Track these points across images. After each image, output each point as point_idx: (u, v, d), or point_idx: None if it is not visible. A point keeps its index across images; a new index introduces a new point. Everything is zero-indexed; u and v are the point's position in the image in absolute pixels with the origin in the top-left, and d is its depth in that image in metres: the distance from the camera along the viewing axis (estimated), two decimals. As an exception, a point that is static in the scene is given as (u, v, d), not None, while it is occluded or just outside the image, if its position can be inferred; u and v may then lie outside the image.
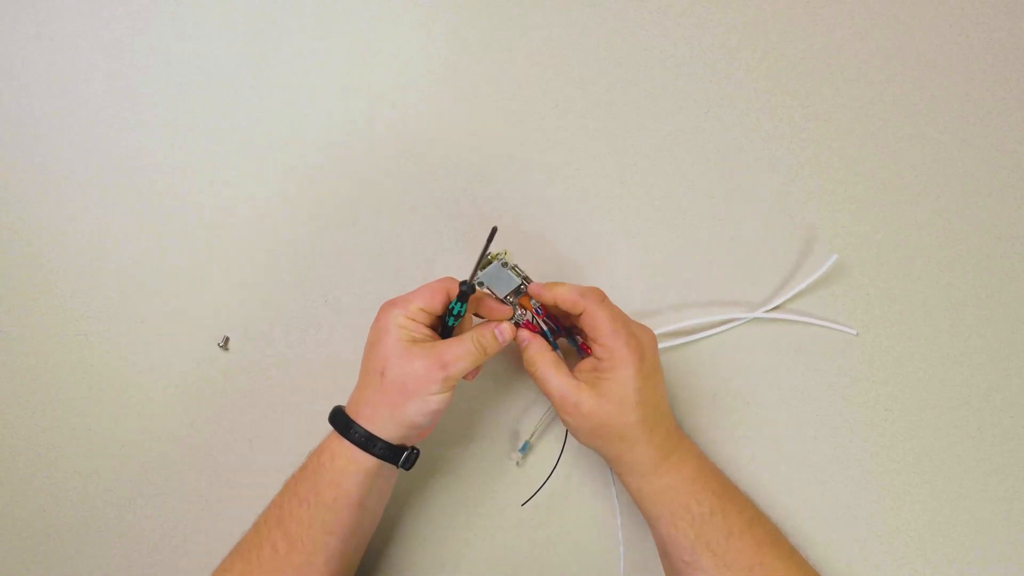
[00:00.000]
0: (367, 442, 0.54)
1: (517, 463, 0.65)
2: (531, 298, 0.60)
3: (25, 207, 0.71)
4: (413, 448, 0.57)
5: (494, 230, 0.57)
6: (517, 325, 0.60)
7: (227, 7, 0.72)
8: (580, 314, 0.57)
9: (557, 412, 0.58)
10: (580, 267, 0.68)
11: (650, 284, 0.67)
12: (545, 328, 0.60)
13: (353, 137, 0.71)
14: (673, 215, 0.68)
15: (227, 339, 0.68)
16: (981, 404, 0.64)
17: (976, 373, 0.65)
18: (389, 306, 0.57)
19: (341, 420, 0.56)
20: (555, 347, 0.59)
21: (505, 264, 0.60)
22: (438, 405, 0.55)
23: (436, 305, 0.57)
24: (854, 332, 0.65)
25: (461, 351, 0.55)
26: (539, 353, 0.58)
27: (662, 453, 0.57)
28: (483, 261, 0.59)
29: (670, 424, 0.59)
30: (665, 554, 0.58)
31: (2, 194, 0.71)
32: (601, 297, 0.57)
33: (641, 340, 0.57)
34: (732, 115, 0.69)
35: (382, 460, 0.55)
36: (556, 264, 0.67)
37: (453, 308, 0.57)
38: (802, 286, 0.65)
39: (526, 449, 0.65)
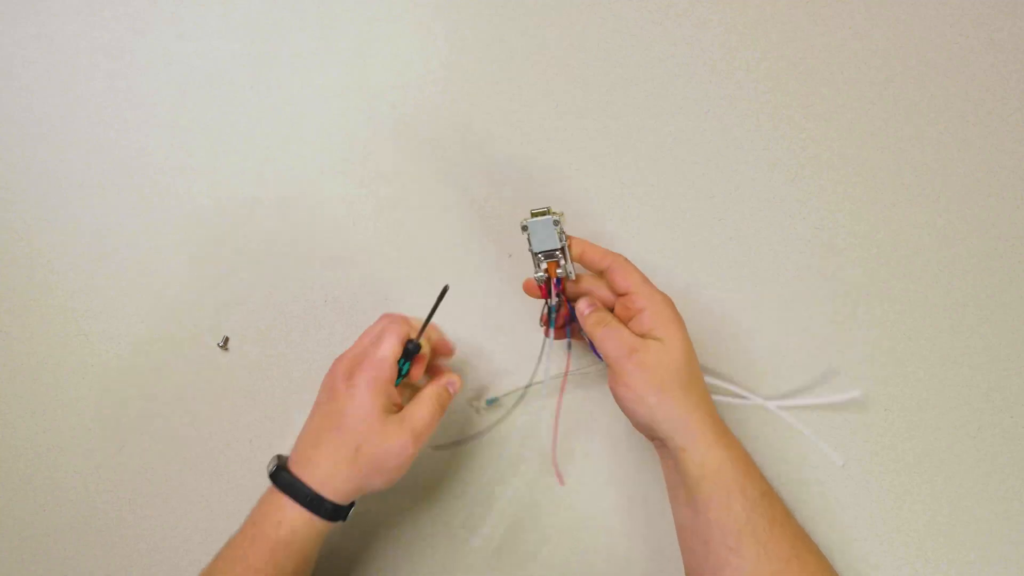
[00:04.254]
0: (334, 514, 0.54)
1: (478, 410, 0.65)
2: (558, 267, 0.58)
3: (25, 207, 0.71)
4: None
5: (445, 288, 0.56)
6: (539, 283, 0.59)
7: (227, 7, 0.72)
8: (606, 270, 0.57)
9: (617, 377, 0.55)
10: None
11: (650, 284, 0.67)
12: (556, 300, 0.58)
13: (353, 137, 0.71)
14: (673, 215, 0.68)
15: (227, 339, 0.68)
16: (981, 404, 0.64)
17: (976, 373, 0.64)
18: (355, 367, 0.55)
19: (306, 496, 0.54)
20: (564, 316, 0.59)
21: (556, 223, 0.58)
22: (404, 472, 0.55)
23: (399, 353, 0.56)
24: (840, 463, 0.63)
25: (428, 417, 0.55)
26: (604, 313, 0.57)
27: (719, 425, 0.56)
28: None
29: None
30: (705, 541, 0.55)
31: (2, 194, 0.71)
32: (625, 258, 0.58)
33: (669, 298, 0.58)
34: (732, 115, 0.69)
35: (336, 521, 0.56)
36: (556, 264, 0.67)
37: (401, 368, 0.57)
38: (817, 401, 0.64)
39: (493, 402, 0.65)
